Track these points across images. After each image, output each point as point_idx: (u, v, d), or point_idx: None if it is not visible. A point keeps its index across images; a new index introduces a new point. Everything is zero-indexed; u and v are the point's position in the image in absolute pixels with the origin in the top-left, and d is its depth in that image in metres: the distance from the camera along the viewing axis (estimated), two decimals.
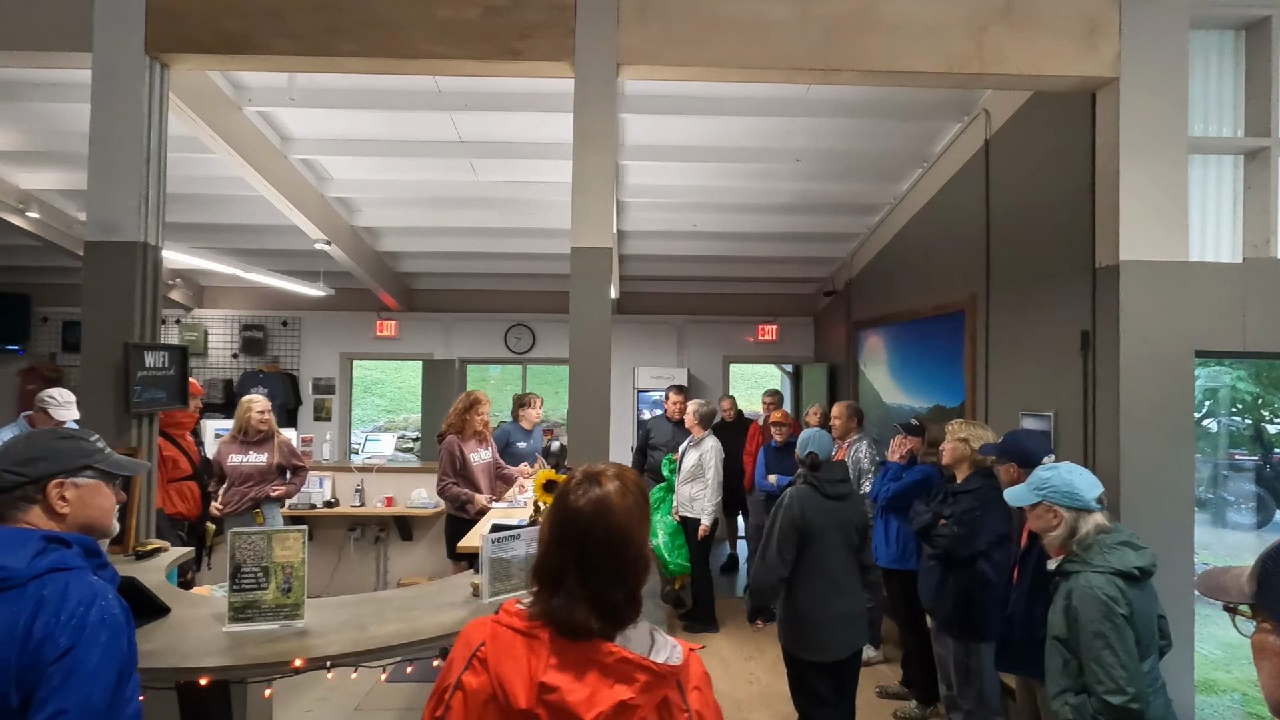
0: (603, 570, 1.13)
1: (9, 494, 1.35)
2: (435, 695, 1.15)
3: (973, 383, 4.46)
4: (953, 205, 4.86)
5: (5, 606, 1.23)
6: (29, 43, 2.94)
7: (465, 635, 1.17)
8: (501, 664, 1.09)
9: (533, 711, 1.05)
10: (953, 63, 3.00)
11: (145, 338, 2.96)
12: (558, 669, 1.07)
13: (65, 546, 1.34)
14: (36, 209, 5.77)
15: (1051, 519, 2.09)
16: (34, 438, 1.43)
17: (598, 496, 1.17)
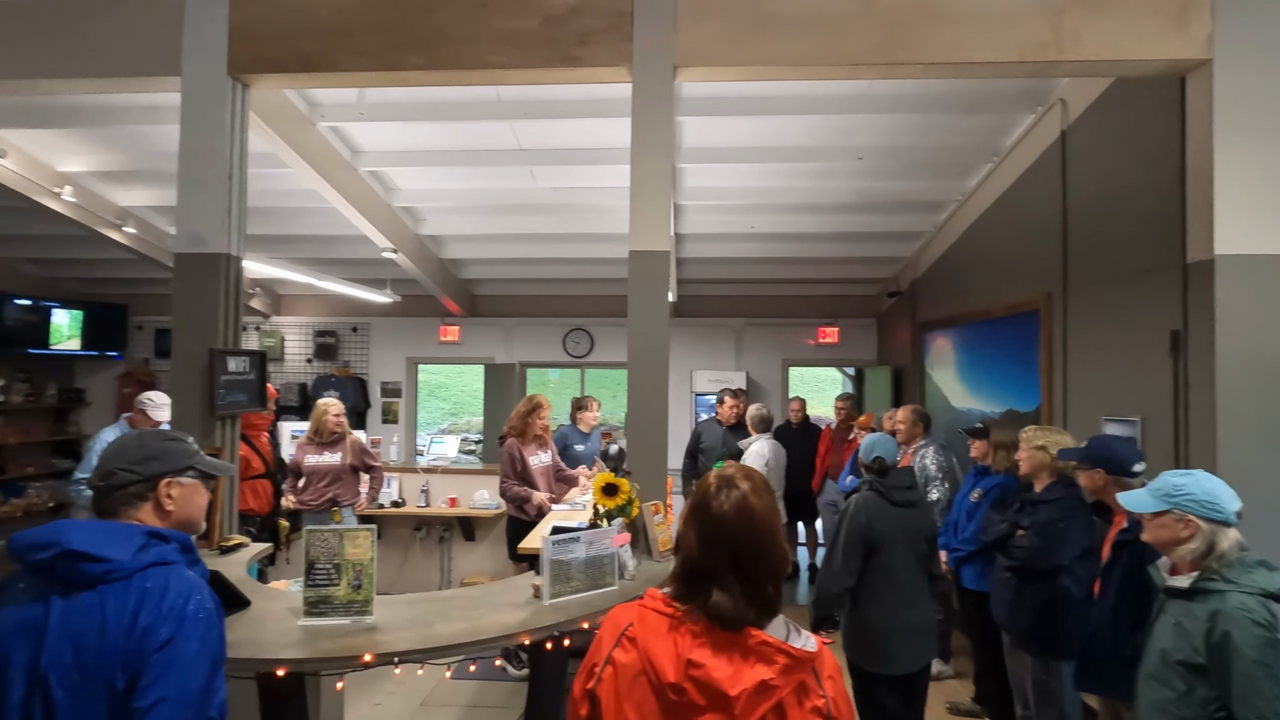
0: (755, 567, 1.23)
1: (123, 490, 1.44)
2: (585, 670, 1.27)
3: (1049, 386, 4.24)
4: (1026, 200, 4.64)
5: (113, 598, 1.32)
6: (124, 69, 3.15)
7: (613, 617, 1.30)
8: (650, 642, 1.21)
9: (680, 685, 1.16)
10: (1026, 51, 2.86)
11: (228, 344, 3.13)
12: (704, 649, 1.18)
13: (164, 542, 1.42)
14: (133, 224, 6.19)
15: (1181, 530, 1.88)
16: (145, 438, 1.52)
17: (739, 499, 1.26)
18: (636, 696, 1.19)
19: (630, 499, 2.68)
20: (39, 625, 1.30)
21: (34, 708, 1.27)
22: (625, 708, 1.20)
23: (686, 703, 1.16)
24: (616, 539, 2.46)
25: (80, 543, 1.33)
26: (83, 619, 1.30)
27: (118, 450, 1.48)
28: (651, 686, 1.18)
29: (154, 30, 3.09)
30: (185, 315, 3.08)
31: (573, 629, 2.16)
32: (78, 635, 1.29)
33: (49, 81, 3.18)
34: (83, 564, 1.32)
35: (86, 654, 1.28)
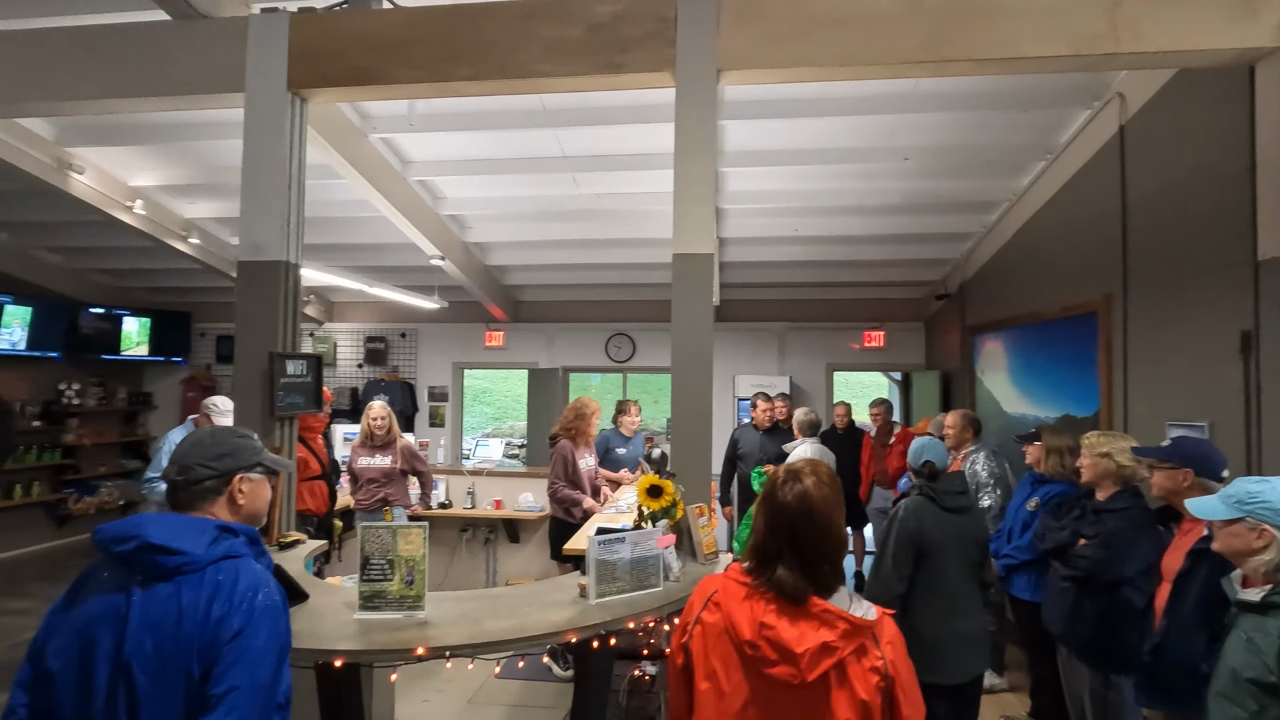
0: (812, 550, 1.44)
1: (200, 485, 1.51)
2: (680, 628, 1.53)
3: (1108, 390, 4.09)
4: (1082, 198, 4.49)
5: (188, 590, 1.38)
6: (192, 88, 3.31)
7: (701, 586, 1.54)
8: (731, 607, 1.45)
9: (755, 642, 1.39)
10: (1081, 44, 2.78)
11: (287, 348, 3.25)
12: (774, 614, 1.41)
13: (234, 536, 1.49)
14: (197, 235, 6.49)
15: (1255, 541, 1.80)
16: (219, 435, 1.59)
17: (801, 492, 1.47)
18: (721, 650, 1.44)
19: (674, 501, 2.69)
20: (121, 613, 1.38)
21: (118, 691, 1.34)
22: (712, 659, 1.45)
23: (760, 657, 1.39)
24: (661, 540, 2.47)
25: (158, 536, 1.41)
26: (160, 609, 1.37)
27: (194, 447, 1.55)
28: (732, 643, 1.42)
29: (220, 51, 3.25)
30: (247, 320, 3.21)
31: (618, 628, 2.18)
32: (156, 624, 1.36)
33: (125, 101, 3.37)
34: (160, 556, 1.39)
35: (165, 642, 1.35)
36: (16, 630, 5.03)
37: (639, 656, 3.03)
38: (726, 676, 1.42)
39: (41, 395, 7.60)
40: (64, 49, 3.39)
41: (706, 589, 1.51)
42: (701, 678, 1.45)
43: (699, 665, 1.46)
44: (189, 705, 1.34)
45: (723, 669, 1.43)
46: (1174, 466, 2.36)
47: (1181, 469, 2.33)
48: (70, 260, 7.65)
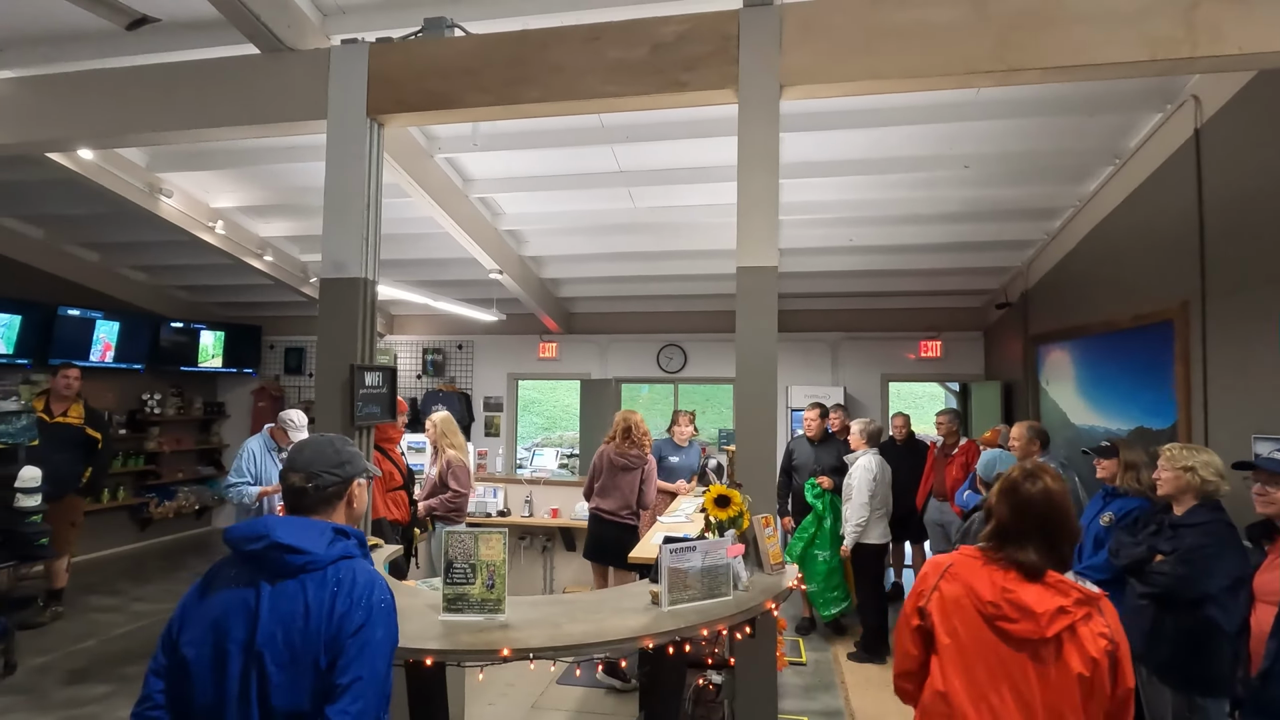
0: (1055, 535, 1.74)
1: (325, 492, 1.63)
2: (913, 598, 1.86)
3: (1186, 401, 3.94)
4: (1155, 204, 4.36)
5: (312, 586, 1.50)
6: (277, 116, 3.53)
7: (934, 563, 1.88)
8: (969, 576, 1.77)
9: (997, 603, 1.69)
10: (1156, 49, 2.73)
11: (364, 360, 3.41)
12: (1014, 581, 1.71)
13: (346, 538, 1.61)
14: (270, 253, 6.83)
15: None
16: (336, 444, 1.70)
17: (1044, 488, 1.78)
18: (961, 613, 1.75)
19: (741, 511, 2.72)
20: (251, 607, 1.49)
21: (250, 679, 1.45)
22: (953, 619, 1.76)
23: (1001, 615, 1.68)
24: (731, 549, 2.50)
25: (286, 536, 1.52)
26: (288, 604, 1.49)
27: (317, 456, 1.66)
28: (974, 606, 1.73)
29: (304, 81, 3.45)
30: (329, 334, 3.38)
31: (692, 635, 2.22)
32: (286, 618, 1.47)
33: (218, 130, 3.61)
34: (287, 555, 1.51)
35: (294, 635, 1.46)
36: (108, 626, 5.34)
37: (704, 665, 3.06)
38: (967, 633, 1.74)
39: (127, 405, 8.07)
40: (162, 83, 3.65)
41: (940, 563, 1.86)
42: (944, 634, 1.77)
43: (940, 625, 1.78)
44: (315, 692, 1.45)
45: (963, 627, 1.74)
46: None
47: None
48: (154, 277, 8.13)
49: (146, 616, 5.62)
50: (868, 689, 4.39)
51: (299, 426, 4.67)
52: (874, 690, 4.38)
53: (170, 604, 5.82)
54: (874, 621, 4.92)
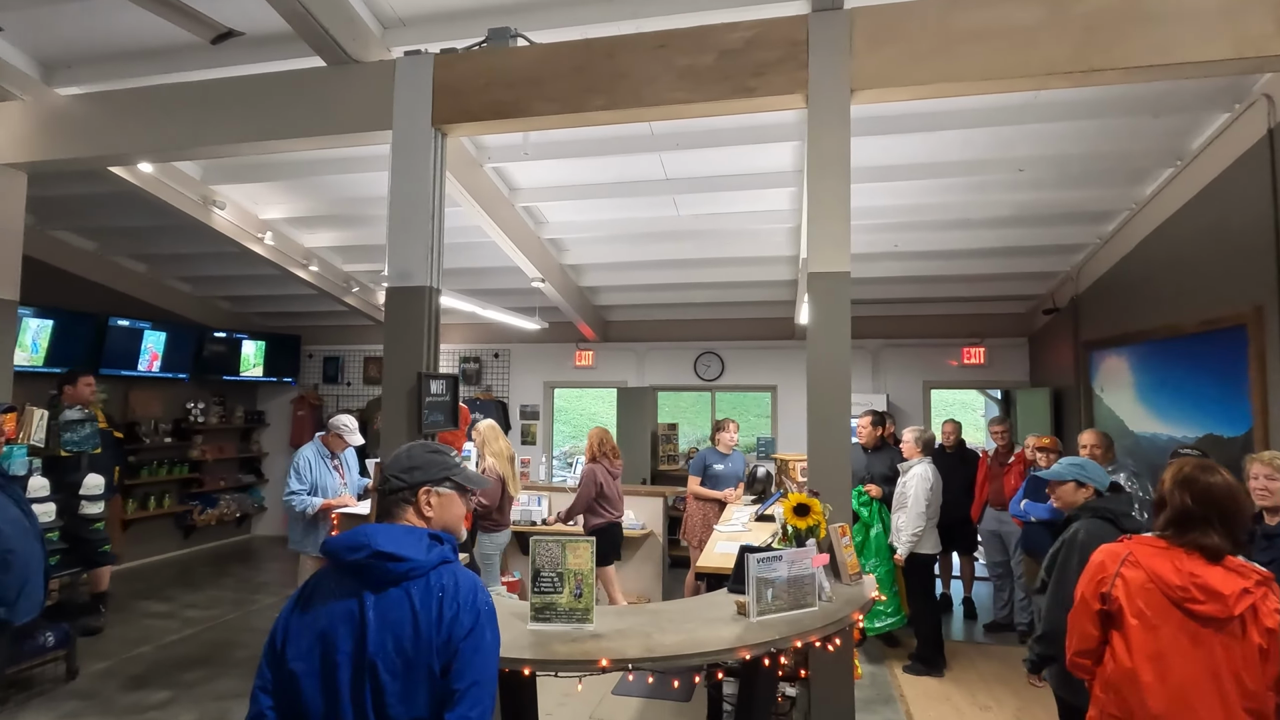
0: (1235, 521, 1.96)
1: (394, 495, 1.62)
2: (1093, 584, 2.06)
3: (1263, 407, 3.82)
4: (1223, 206, 4.25)
5: (417, 592, 1.48)
6: (343, 127, 3.58)
7: (1108, 551, 2.09)
8: (1151, 563, 1.98)
9: (1184, 586, 1.90)
10: (1243, 47, 2.67)
11: (429, 368, 3.43)
12: (1198, 565, 1.92)
13: (442, 544, 1.58)
14: (316, 263, 6.92)
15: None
16: (413, 450, 1.69)
17: (1222, 479, 1.99)
18: (1147, 597, 1.95)
19: (820, 520, 2.67)
20: (357, 617, 1.48)
21: (363, 689, 1.44)
22: (1138, 601, 1.96)
23: (1190, 597, 1.89)
24: (816, 559, 2.46)
25: (387, 544, 1.51)
26: (396, 611, 1.47)
27: (394, 459, 1.66)
28: (1160, 589, 1.93)
29: (370, 92, 3.50)
30: (396, 342, 3.40)
31: (785, 646, 2.18)
32: (395, 625, 1.46)
33: (284, 143, 3.66)
34: (390, 563, 1.49)
35: (405, 642, 1.45)
36: (161, 632, 5.40)
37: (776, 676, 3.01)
38: (1155, 614, 1.94)
39: (171, 414, 8.20)
40: (230, 97, 3.72)
41: (1117, 553, 2.05)
42: (1130, 616, 1.97)
43: (1127, 607, 1.98)
44: (432, 698, 1.43)
45: (1149, 609, 1.95)
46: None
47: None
48: (198, 288, 8.28)
49: (198, 623, 5.67)
50: (928, 702, 4.29)
51: (353, 429, 4.70)
52: (934, 703, 4.28)
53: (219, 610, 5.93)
54: (929, 633, 4.81)
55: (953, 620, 6.00)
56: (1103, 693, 2.06)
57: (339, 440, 4.65)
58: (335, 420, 4.76)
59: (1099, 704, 2.07)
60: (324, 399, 9.29)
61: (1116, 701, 2.00)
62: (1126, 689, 1.98)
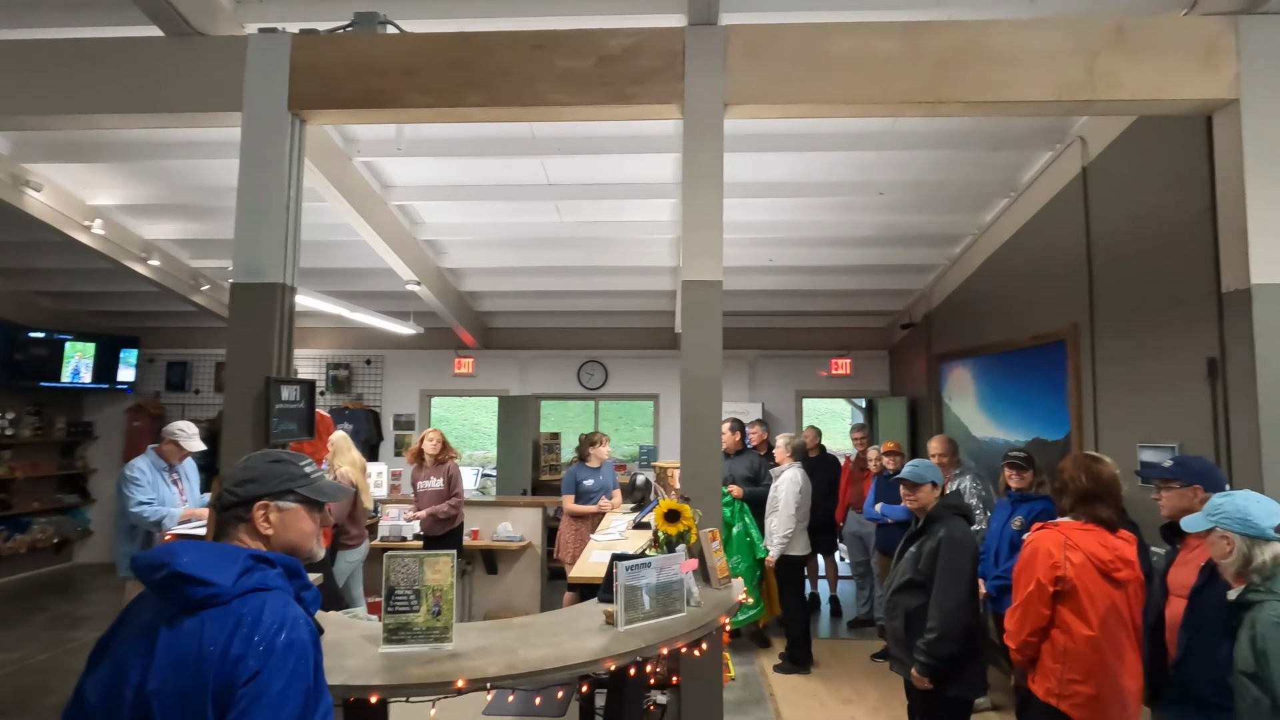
0: (1118, 499, 2.46)
1: (227, 511, 1.43)
2: (1047, 570, 2.35)
3: (1078, 414, 4.31)
4: (1047, 234, 4.77)
5: (211, 623, 1.27)
6: (184, 105, 3.22)
7: (1049, 538, 2.42)
8: (1085, 544, 2.36)
9: (1112, 560, 2.34)
10: (1063, 90, 2.99)
11: (281, 373, 3.15)
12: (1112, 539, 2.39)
13: (270, 566, 1.38)
14: (157, 257, 6.23)
15: (1225, 546, 2.00)
16: (251, 460, 1.50)
17: (1107, 466, 2.48)
18: (1089, 573, 2.32)
19: (691, 526, 2.69)
20: (150, 647, 1.27)
21: None
22: (1085, 579, 2.32)
23: (1115, 567, 2.33)
24: (685, 564, 2.47)
25: (187, 565, 1.30)
26: (183, 644, 1.26)
27: (230, 471, 1.48)
28: (1094, 565, 2.33)
29: (216, 69, 3.18)
30: (241, 344, 3.09)
31: (653, 655, 2.16)
32: (179, 661, 1.25)
33: (115, 118, 3.25)
34: (188, 587, 1.29)
35: (185, 680, 1.24)
36: None
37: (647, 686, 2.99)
38: (1094, 586, 2.32)
39: None
40: (48, 61, 3.25)
41: (1056, 538, 2.39)
42: (1081, 592, 2.30)
43: (1078, 584, 2.31)
44: None
45: (1090, 583, 2.31)
46: (1183, 485, 2.49)
47: (1191, 486, 2.47)
48: (10, 281, 7.21)
49: (4, 666, 4.89)
50: (796, 699, 4.45)
51: (190, 435, 4.24)
52: (802, 700, 4.45)
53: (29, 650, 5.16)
54: (798, 632, 5.01)
55: (820, 618, 6.29)
56: (1057, 663, 2.34)
57: (175, 449, 4.17)
58: (170, 427, 4.27)
59: (1053, 674, 2.36)
60: (167, 408, 8.39)
61: (1076, 667, 2.31)
62: (1086, 653, 2.29)
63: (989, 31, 3.00)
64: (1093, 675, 2.30)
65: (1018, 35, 2.99)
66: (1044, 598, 2.35)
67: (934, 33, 3.02)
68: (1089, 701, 2.31)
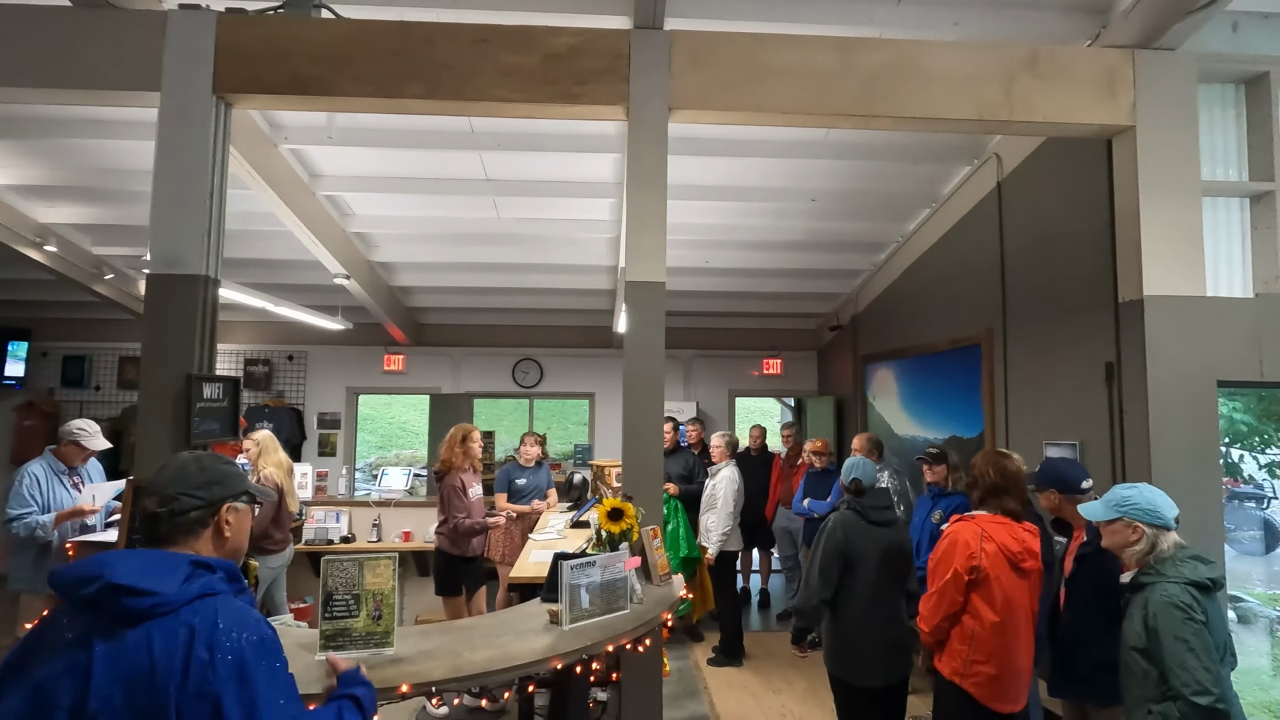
0: (1022, 493, 2.66)
1: (184, 517, 1.37)
2: (964, 559, 2.51)
3: (991, 414, 4.60)
4: (964, 244, 5.06)
5: (160, 635, 1.23)
6: (100, 82, 3.00)
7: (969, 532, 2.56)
8: (998, 536, 2.53)
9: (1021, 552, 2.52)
10: (984, 110, 3.19)
11: (203, 370, 2.98)
12: (1019, 531, 2.57)
13: (210, 571, 1.34)
14: (53, 243, 5.76)
15: (1131, 535, 2.20)
16: (203, 461, 1.44)
17: (1014, 462, 2.69)
18: (1000, 563, 2.49)
19: (633, 524, 2.73)
20: (83, 667, 1.21)
21: None
22: (997, 568, 2.49)
23: (1023, 558, 2.52)
24: (629, 562, 2.50)
25: (124, 576, 1.25)
26: (130, 658, 1.21)
27: (178, 475, 1.41)
28: (1004, 556, 2.50)
29: (134, 45, 2.98)
30: (158, 339, 2.92)
31: (598, 652, 2.18)
32: (127, 676, 1.20)
33: (15, 91, 2.99)
34: (127, 599, 1.24)
35: (138, 695, 1.20)
36: None
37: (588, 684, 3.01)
38: (1005, 577, 2.50)
39: None
40: None
41: (973, 530, 2.56)
42: (992, 581, 2.48)
43: (991, 574, 2.49)
44: None
45: (1002, 574, 2.49)
46: (1044, 488, 2.76)
47: (1047, 490, 2.74)
48: None
49: None
50: (729, 691, 4.56)
51: (93, 434, 3.95)
52: (735, 691, 4.56)
53: None
54: (731, 625, 5.13)
55: (749, 611, 6.46)
56: (963, 645, 2.53)
57: (77, 450, 3.87)
58: (68, 426, 3.96)
59: (959, 655, 2.55)
60: (63, 406, 7.76)
61: (980, 649, 2.50)
62: (991, 637, 2.48)
63: (918, 51, 3.17)
64: (994, 657, 2.49)
65: (944, 56, 3.17)
66: (959, 585, 2.52)
67: (867, 49, 3.16)
68: (988, 680, 2.49)
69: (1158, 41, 3.22)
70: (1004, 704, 2.52)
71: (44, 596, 3.60)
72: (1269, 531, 5.18)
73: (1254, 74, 3.45)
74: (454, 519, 4.32)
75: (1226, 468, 6.70)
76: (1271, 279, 3.39)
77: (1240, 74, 3.46)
